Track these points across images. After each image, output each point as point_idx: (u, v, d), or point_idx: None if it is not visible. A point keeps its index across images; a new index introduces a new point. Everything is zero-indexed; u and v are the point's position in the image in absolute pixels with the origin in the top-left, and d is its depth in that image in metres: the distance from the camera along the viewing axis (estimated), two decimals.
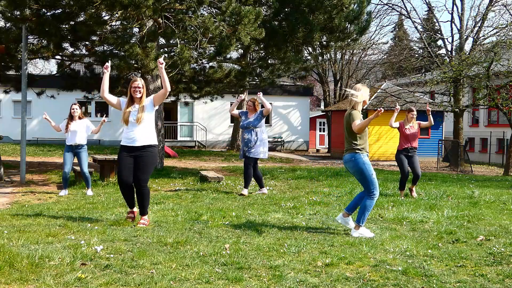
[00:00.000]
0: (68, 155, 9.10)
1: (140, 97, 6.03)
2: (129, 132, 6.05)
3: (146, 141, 6.02)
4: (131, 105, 6.06)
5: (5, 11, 10.80)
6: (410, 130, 9.17)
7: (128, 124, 6.04)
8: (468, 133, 30.71)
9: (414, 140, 9.17)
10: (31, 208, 7.24)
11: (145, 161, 6.00)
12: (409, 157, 9.18)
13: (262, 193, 9.20)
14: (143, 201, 6.06)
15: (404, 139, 9.22)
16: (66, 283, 3.72)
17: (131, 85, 6.04)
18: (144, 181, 6.03)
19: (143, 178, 6.02)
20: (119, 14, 10.81)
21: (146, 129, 6.04)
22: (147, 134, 6.04)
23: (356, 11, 13.10)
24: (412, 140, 9.17)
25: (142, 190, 6.03)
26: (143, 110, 6.02)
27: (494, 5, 23.88)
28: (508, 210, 7.77)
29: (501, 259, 4.66)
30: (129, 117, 6.01)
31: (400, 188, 9.22)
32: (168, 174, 12.37)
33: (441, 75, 21.49)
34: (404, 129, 9.21)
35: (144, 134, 6.02)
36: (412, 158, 9.18)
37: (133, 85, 6.02)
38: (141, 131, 6.01)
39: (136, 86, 6.01)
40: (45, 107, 24.18)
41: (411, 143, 9.16)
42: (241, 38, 10.89)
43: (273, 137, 31.40)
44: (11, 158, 17.30)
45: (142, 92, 6.04)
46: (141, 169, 5.99)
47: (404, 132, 9.20)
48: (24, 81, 11.47)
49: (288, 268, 4.23)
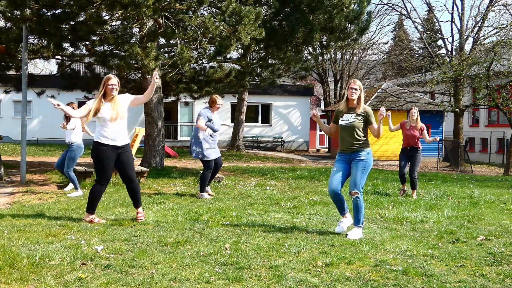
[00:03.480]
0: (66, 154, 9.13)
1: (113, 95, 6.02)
2: (109, 130, 5.97)
3: (125, 139, 6.14)
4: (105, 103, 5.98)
5: (5, 11, 10.80)
6: (411, 130, 9.15)
7: (103, 122, 5.97)
8: (468, 133, 30.70)
9: (413, 140, 9.12)
10: (31, 208, 7.24)
11: (129, 157, 6.16)
12: (410, 157, 9.20)
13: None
14: (136, 195, 6.27)
15: (405, 139, 9.29)
16: (66, 283, 3.72)
17: (107, 83, 5.97)
18: (133, 176, 6.22)
19: (132, 173, 6.20)
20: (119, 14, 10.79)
21: (124, 127, 6.14)
22: (125, 132, 6.15)
23: (356, 11, 13.10)
24: (411, 140, 9.13)
25: (134, 185, 6.22)
26: (119, 108, 6.01)
27: (494, 5, 23.87)
28: (508, 210, 7.77)
29: (501, 259, 4.66)
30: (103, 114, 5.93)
31: (401, 181, 9.38)
32: (168, 174, 12.37)
33: (441, 75, 21.48)
34: (405, 129, 9.23)
35: (124, 131, 6.12)
36: (412, 158, 9.19)
37: (110, 83, 5.98)
38: (122, 129, 6.07)
39: (113, 83, 6.00)
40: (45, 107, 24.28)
41: (411, 143, 9.15)
42: (241, 38, 10.89)
43: (273, 137, 31.41)
44: (11, 158, 17.30)
45: (117, 90, 6.08)
46: (129, 166, 6.15)
47: (404, 131, 9.25)
48: (24, 81, 11.46)
49: (288, 268, 4.23)
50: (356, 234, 5.50)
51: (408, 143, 9.21)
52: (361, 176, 5.60)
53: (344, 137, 5.70)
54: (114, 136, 6.00)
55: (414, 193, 9.16)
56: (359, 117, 5.65)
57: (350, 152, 5.67)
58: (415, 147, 9.16)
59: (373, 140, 23.66)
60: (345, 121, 5.68)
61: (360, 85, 5.68)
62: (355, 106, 5.69)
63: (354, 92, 5.63)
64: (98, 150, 6.03)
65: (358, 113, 5.66)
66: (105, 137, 5.99)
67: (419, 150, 9.20)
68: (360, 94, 5.65)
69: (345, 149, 5.71)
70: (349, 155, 5.69)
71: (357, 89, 5.63)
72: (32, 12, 10.69)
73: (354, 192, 5.58)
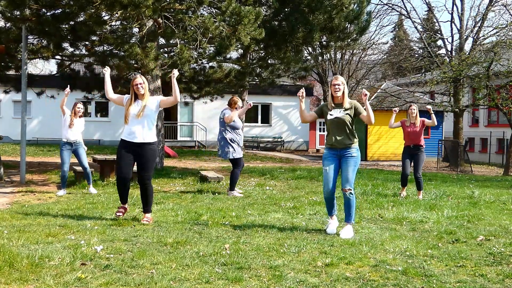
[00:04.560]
0: (66, 153, 9.09)
1: (143, 93, 6.12)
2: (130, 127, 6.10)
3: (147, 138, 6.10)
4: (135, 102, 6.13)
5: (5, 11, 10.80)
6: (412, 127, 8.99)
7: (130, 119, 6.08)
8: (468, 133, 30.70)
9: (416, 138, 8.89)
10: (31, 208, 7.24)
11: (146, 157, 6.08)
12: (413, 155, 8.98)
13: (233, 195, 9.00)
14: (147, 198, 6.17)
15: (406, 137, 9.07)
16: (66, 283, 3.72)
17: (133, 83, 6.12)
18: (148, 178, 6.13)
19: (147, 175, 6.11)
20: (119, 14, 10.80)
21: (147, 126, 6.11)
22: (148, 131, 6.12)
23: (356, 11, 13.11)
24: (414, 138, 8.90)
25: (147, 187, 6.14)
26: (146, 107, 6.10)
27: (494, 5, 23.89)
28: (508, 210, 7.77)
29: (501, 259, 4.66)
30: (131, 112, 6.07)
31: (402, 184, 9.19)
32: (168, 174, 12.37)
33: (441, 75, 21.50)
34: (406, 126, 9.07)
35: (145, 130, 6.09)
36: (416, 157, 8.94)
37: (135, 83, 6.11)
38: (143, 128, 6.08)
39: (138, 83, 6.10)
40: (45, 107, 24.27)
41: (413, 141, 8.92)
42: (241, 38, 10.89)
43: (273, 137, 31.41)
44: (11, 158, 17.30)
45: (144, 88, 6.12)
46: (143, 166, 6.09)
47: (405, 129, 9.04)
48: (24, 81, 11.46)
49: (288, 268, 4.23)
50: (348, 232, 5.56)
51: (410, 141, 8.96)
52: (353, 173, 5.64)
53: (334, 132, 5.71)
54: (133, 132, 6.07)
55: (420, 194, 8.98)
56: (348, 111, 5.67)
57: (341, 148, 5.69)
58: (418, 145, 8.90)
59: (373, 140, 23.88)
60: (334, 115, 5.68)
61: (342, 80, 5.70)
62: (341, 102, 5.70)
63: (338, 88, 5.65)
64: (119, 145, 6.19)
65: (346, 108, 5.68)
66: (124, 133, 6.15)
67: (422, 149, 8.93)
68: (344, 89, 5.67)
69: (335, 144, 5.70)
70: (339, 151, 5.70)
71: (340, 85, 5.64)
72: (31, 12, 10.70)
73: (348, 188, 5.63)
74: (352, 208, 5.70)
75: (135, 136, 6.07)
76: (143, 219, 6.11)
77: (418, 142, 8.94)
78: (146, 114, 6.09)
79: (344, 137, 5.67)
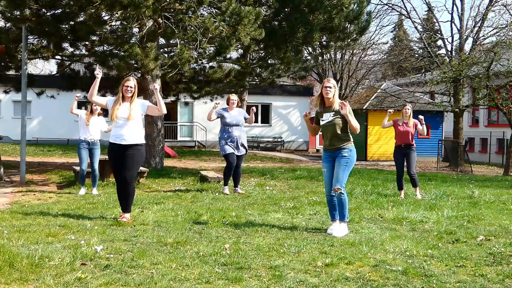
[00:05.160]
0: (84, 151, 9.12)
1: (131, 96, 6.15)
2: (118, 130, 6.13)
3: (135, 140, 6.15)
4: (122, 103, 6.14)
5: (5, 11, 10.81)
6: (404, 127, 9.00)
7: (117, 121, 6.10)
8: (468, 133, 30.69)
9: (407, 137, 8.93)
10: (31, 208, 7.24)
11: (133, 158, 6.13)
12: (405, 154, 9.01)
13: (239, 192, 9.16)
14: (128, 198, 6.21)
15: (397, 136, 9.11)
16: (66, 283, 3.72)
17: (123, 84, 6.15)
18: (130, 178, 6.17)
19: (130, 173, 6.15)
20: (119, 14, 10.80)
21: (135, 128, 6.16)
22: (136, 133, 6.17)
23: (356, 11, 13.10)
24: (405, 138, 8.94)
25: (128, 186, 6.17)
26: (133, 109, 6.13)
27: (494, 5, 23.86)
28: (508, 210, 7.77)
29: (501, 259, 4.66)
30: (118, 114, 6.08)
31: (399, 187, 9.15)
32: (168, 174, 12.37)
33: (441, 75, 21.49)
34: (398, 125, 9.08)
35: (133, 133, 6.14)
36: (407, 156, 8.97)
37: (126, 84, 6.14)
38: (131, 130, 6.11)
39: (128, 85, 6.14)
40: (45, 107, 24.29)
41: (405, 140, 8.95)
42: (241, 38, 10.89)
43: (273, 137, 31.40)
44: (11, 158, 17.29)
45: (133, 92, 6.16)
46: (128, 166, 6.12)
47: (397, 129, 9.07)
48: (24, 81, 11.46)
49: (288, 268, 4.23)
50: (342, 230, 5.64)
51: (401, 141, 9.01)
52: (343, 173, 5.71)
53: (327, 136, 5.85)
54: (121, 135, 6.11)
55: (417, 191, 9.02)
56: (338, 114, 5.74)
57: (333, 150, 5.80)
58: (409, 144, 8.95)
59: (373, 140, 23.89)
60: (326, 120, 5.80)
61: (334, 84, 5.82)
62: (331, 104, 5.79)
63: (329, 91, 5.74)
64: (108, 148, 6.23)
65: (336, 111, 5.75)
66: (112, 136, 6.18)
67: (413, 147, 8.98)
68: (335, 92, 5.78)
69: (328, 148, 5.85)
70: (333, 153, 5.82)
71: (332, 87, 5.74)
72: (31, 12, 10.70)
73: (338, 188, 5.69)
74: (345, 207, 5.77)
75: (123, 138, 6.11)
76: (121, 218, 6.11)
77: (409, 142, 8.98)
78: (134, 116, 6.12)
79: (335, 140, 5.78)
